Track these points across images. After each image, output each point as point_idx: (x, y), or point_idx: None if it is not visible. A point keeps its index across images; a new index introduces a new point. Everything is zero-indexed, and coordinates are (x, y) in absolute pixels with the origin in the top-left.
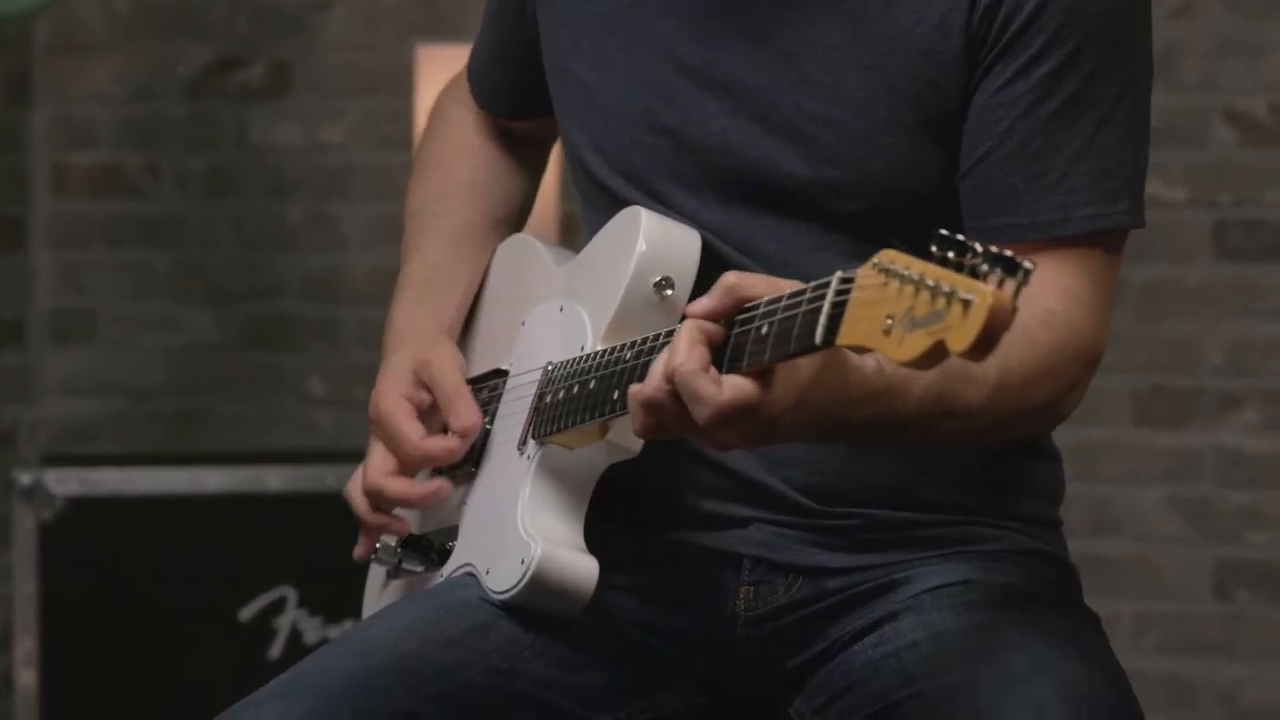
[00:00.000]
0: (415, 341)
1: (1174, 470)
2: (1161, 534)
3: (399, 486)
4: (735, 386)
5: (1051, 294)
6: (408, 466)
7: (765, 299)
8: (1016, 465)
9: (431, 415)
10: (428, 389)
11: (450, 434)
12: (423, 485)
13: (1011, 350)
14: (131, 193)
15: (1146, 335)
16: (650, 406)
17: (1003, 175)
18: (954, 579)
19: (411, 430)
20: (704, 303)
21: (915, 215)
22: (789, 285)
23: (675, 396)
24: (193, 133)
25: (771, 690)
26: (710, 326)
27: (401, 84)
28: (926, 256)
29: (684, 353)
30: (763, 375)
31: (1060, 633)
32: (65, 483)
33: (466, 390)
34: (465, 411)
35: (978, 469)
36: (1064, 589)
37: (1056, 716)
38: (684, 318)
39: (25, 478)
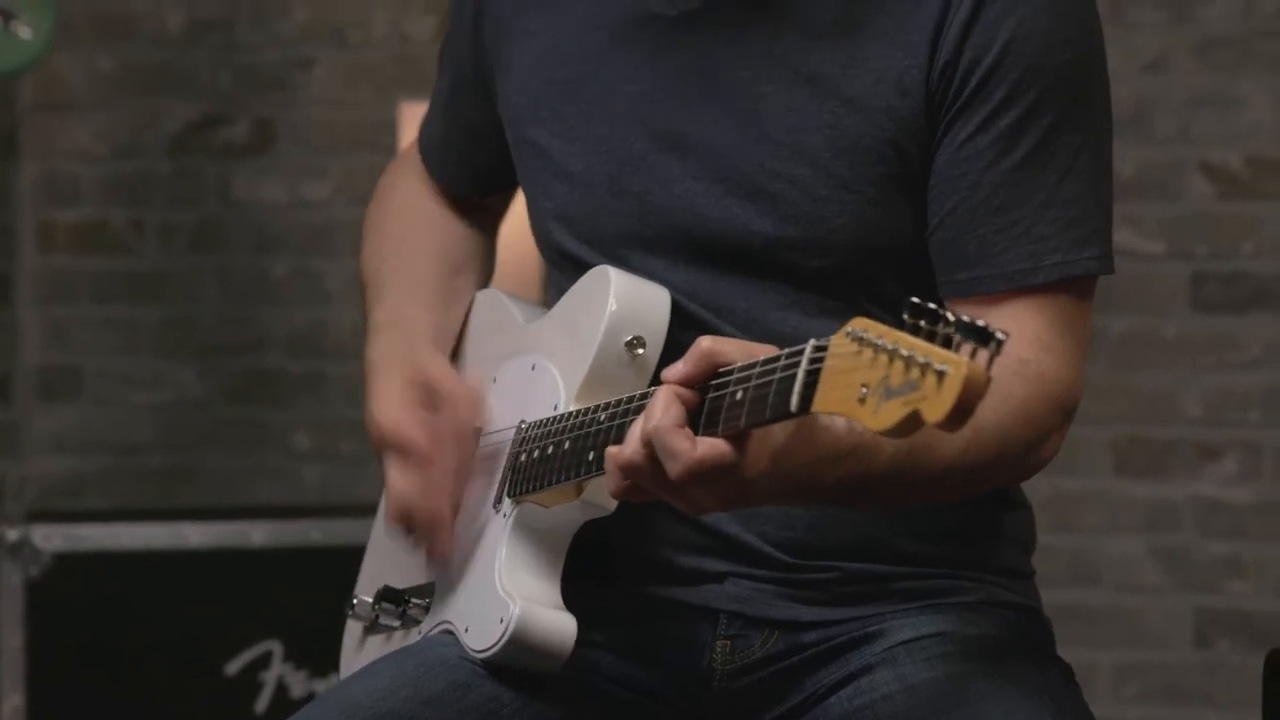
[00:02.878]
0: (400, 360)
1: (1153, 520)
2: (1141, 584)
3: (430, 504)
4: (710, 445)
5: (1024, 344)
6: (429, 477)
7: (739, 365)
8: (988, 516)
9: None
10: (424, 403)
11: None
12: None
13: (985, 403)
14: (117, 249)
15: (1124, 386)
16: (628, 469)
17: (971, 228)
18: (928, 631)
19: (421, 439)
20: (679, 368)
21: (882, 272)
22: (763, 350)
23: (652, 459)
24: (177, 189)
25: None
26: (685, 392)
27: (384, 140)
28: (899, 325)
29: (659, 413)
30: (737, 438)
31: (1033, 684)
32: (51, 539)
33: (464, 385)
34: (468, 403)
35: (950, 521)
36: (1037, 640)
37: None
38: (657, 381)
39: (12, 534)
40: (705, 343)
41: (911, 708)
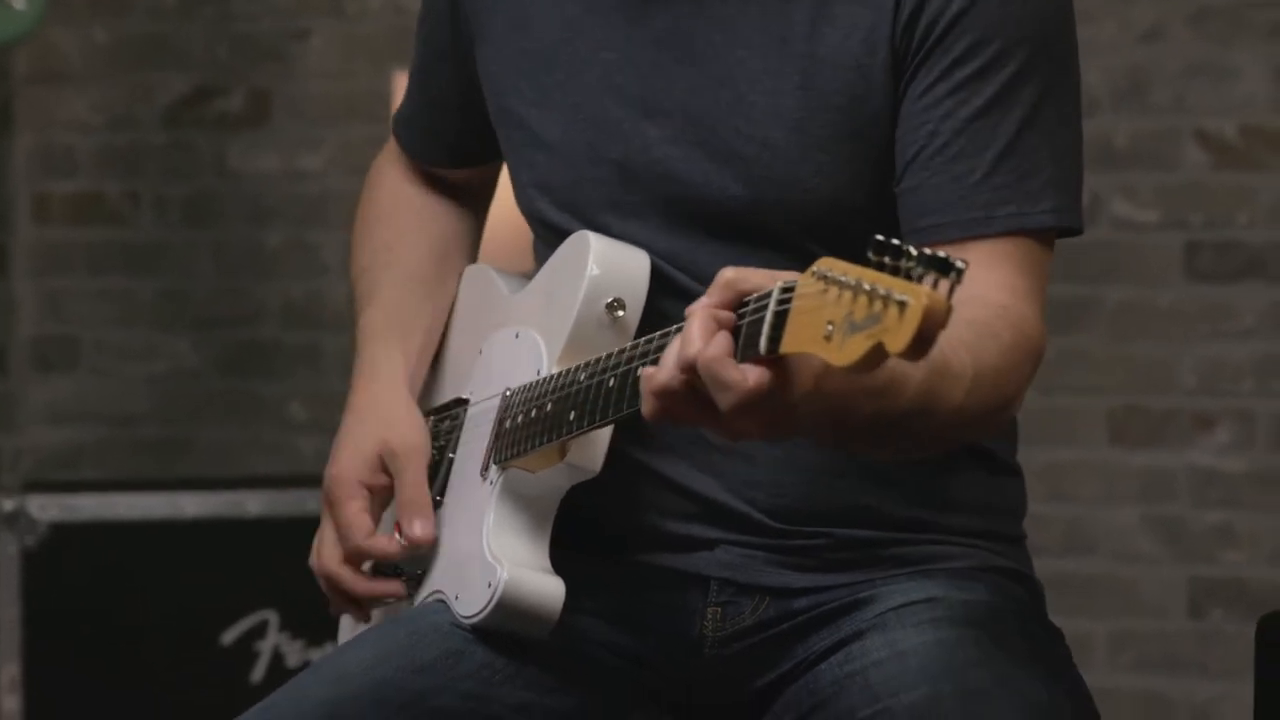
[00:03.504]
0: (381, 417)
1: (1148, 490)
2: (1136, 553)
3: (350, 581)
4: (759, 373)
5: (1001, 290)
6: (350, 557)
7: (756, 295)
8: (978, 481)
9: (387, 498)
10: (388, 474)
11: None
12: (373, 584)
13: (982, 346)
14: (112, 221)
15: (1119, 356)
16: (662, 394)
17: (929, 176)
18: (918, 597)
19: (361, 524)
20: (705, 301)
21: (862, 233)
22: (786, 276)
23: (690, 386)
24: (172, 161)
25: (739, 710)
26: (722, 314)
27: (379, 111)
28: (864, 262)
29: (701, 340)
30: (781, 361)
31: (1023, 649)
32: (48, 509)
33: (426, 500)
34: (420, 525)
35: (940, 486)
36: (1028, 605)
37: None
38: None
39: (8, 504)
40: (729, 273)
41: (902, 673)
